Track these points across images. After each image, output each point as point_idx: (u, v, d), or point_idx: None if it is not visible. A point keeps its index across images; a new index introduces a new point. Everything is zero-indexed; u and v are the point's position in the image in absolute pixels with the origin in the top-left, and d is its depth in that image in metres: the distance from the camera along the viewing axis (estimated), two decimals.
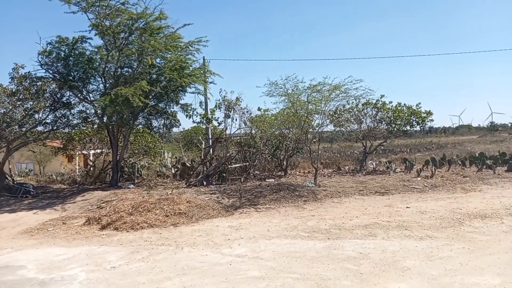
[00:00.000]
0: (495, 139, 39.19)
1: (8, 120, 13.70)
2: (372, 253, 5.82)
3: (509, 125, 79.29)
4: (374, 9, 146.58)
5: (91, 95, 15.00)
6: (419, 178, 12.82)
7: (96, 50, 14.01)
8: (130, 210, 8.95)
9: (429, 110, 16.10)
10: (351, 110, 16.17)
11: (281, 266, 5.48)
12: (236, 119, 14.78)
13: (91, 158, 19.00)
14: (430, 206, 9.05)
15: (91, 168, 17.93)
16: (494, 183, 11.96)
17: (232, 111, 14.63)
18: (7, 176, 14.71)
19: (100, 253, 6.55)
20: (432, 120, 16.52)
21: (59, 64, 13.83)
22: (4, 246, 7.46)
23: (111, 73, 14.41)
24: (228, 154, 14.73)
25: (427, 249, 5.92)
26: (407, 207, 9.01)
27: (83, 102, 15.23)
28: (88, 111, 15.64)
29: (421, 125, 16.80)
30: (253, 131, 15.65)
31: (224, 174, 14.52)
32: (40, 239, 7.86)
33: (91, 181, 16.32)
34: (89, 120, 15.88)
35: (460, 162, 16.00)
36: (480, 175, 13.37)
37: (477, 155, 16.67)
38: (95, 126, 16.54)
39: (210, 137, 17.46)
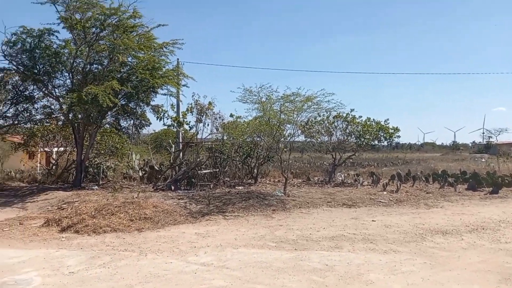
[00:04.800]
0: (457, 158, 40.98)
1: None
2: (338, 266, 5.86)
3: (470, 145, 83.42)
4: (354, 24, 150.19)
5: (57, 90, 14.46)
6: (385, 192, 13.16)
7: (64, 44, 13.50)
8: (93, 213, 8.59)
9: (397, 127, 16.66)
10: (322, 122, 16.43)
11: (247, 276, 5.41)
12: (208, 124, 14.59)
13: (54, 156, 18.23)
14: (395, 220, 9.28)
15: (54, 167, 17.19)
16: (455, 200, 12.46)
17: (204, 116, 14.45)
18: None
19: (58, 257, 6.22)
20: (399, 136, 17.10)
21: (23, 56, 13.24)
22: None
23: (80, 68, 13.93)
24: (198, 159, 14.52)
25: (390, 263, 6.03)
26: (372, 221, 9.19)
27: (48, 97, 14.65)
28: (52, 107, 15.08)
29: (388, 140, 17.31)
30: (225, 137, 15.55)
31: (193, 180, 14.30)
32: None
33: (53, 180, 15.64)
34: (54, 116, 15.31)
35: (424, 179, 16.58)
36: (442, 191, 13.90)
37: (440, 172, 17.35)
38: (60, 123, 15.91)
39: (180, 141, 17.19)
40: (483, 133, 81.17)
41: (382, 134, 16.68)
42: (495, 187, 14.09)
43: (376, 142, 17.31)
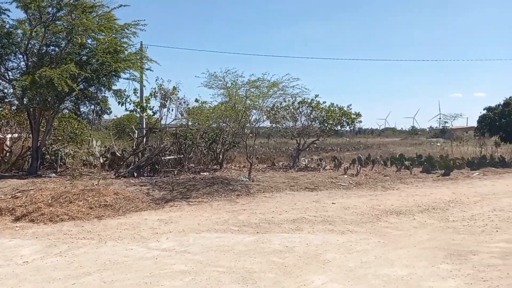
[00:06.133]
0: (415, 142, 42.81)
1: None
2: (297, 247, 6.06)
3: (427, 130, 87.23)
4: (320, 9, 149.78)
5: (10, 73, 13.63)
6: (345, 176, 13.60)
7: (17, 24, 12.70)
8: (50, 201, 8.31)
9: (358, 112, 17.08)
10: (288, 108, 16.57)
11: (208, 260, 5.48)
12: (172, 109, 14.30)
13: (7, 143, 17.28)
14: (353, 202, 9.65)
15: (7, 154, 16.33)
16: (410, 182, 13.10)
17: (168, 101, 14.15)
18: None
19: (11, 247, 6.01)
20: (360, 122, 17.58)
21: None
22: None
23: (35, 50, 13.19)
24: (162, 145, 14.30)
25: (347, 242, 6.31)
26: (332, 203, 9.52)
27: (0, 80, 13.80)
28: (6, 91, 14.24)
29: (350, 125, 17.77)
30: (190, 123, 15.37)
31: (157, 166, 14.08)
32: None
33: (7, 168, 14.85)
34: (7, 100, 14.48)
35: (382, 162, 17.26)
36: (399, 174, 14.57)
37: (397, 156, 18.12)
38: (14, 107, 15.08)
39: (144, 126, 16.82)
40: (440, 118, 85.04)
41: (344, 119, 17.05)
42: (447, 169, 14.92)
43: (339, 127, 17.73)
